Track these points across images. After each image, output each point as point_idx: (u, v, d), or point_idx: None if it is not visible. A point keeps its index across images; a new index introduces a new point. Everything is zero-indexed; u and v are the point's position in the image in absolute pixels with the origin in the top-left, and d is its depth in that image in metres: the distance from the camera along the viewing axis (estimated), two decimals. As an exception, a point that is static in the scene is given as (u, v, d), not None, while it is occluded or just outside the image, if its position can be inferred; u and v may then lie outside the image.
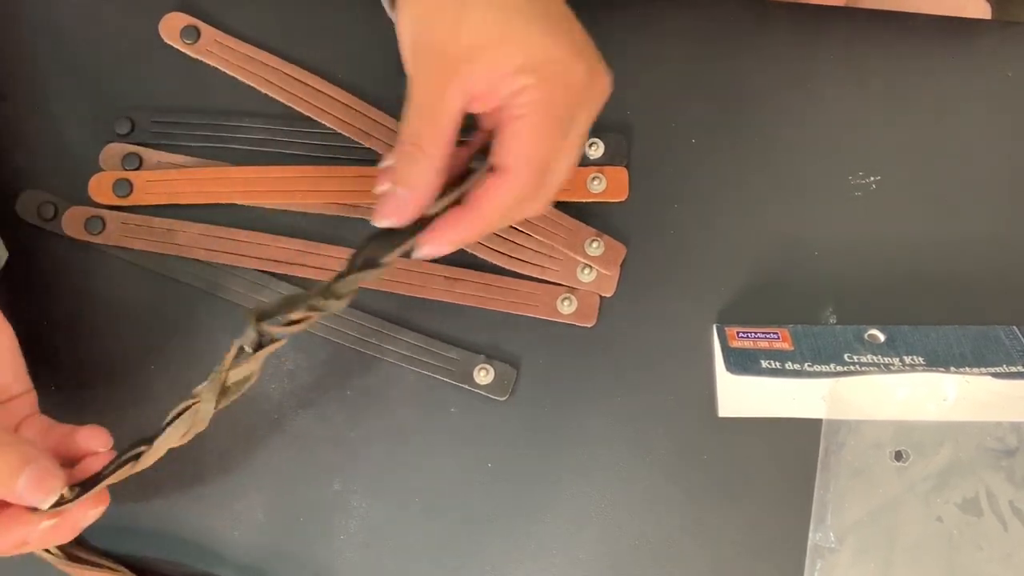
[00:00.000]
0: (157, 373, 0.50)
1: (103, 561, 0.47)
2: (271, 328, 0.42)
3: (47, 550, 0.46)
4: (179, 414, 0.42)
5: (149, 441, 0.42)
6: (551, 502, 0.48)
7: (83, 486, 0.42)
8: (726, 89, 0.53)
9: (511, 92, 0.38)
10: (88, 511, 0.42)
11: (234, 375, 0.42)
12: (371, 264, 0.42)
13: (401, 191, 0.40)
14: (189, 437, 0.43)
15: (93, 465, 0.42)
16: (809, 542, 0.47)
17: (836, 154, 0.52)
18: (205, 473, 0.49)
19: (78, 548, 0.48)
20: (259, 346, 0.42)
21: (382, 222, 0.41)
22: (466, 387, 0.49)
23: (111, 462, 0.42)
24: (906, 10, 0.55)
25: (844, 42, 0.54)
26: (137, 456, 0.42)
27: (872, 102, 0.53)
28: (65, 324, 0.51)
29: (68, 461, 0.43)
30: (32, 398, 0.45)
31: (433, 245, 0.41)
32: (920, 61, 0.54)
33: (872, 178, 0.52)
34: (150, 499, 0.49)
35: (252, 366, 0.42)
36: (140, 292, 0.51)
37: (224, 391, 0.42)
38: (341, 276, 0.42)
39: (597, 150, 0.52)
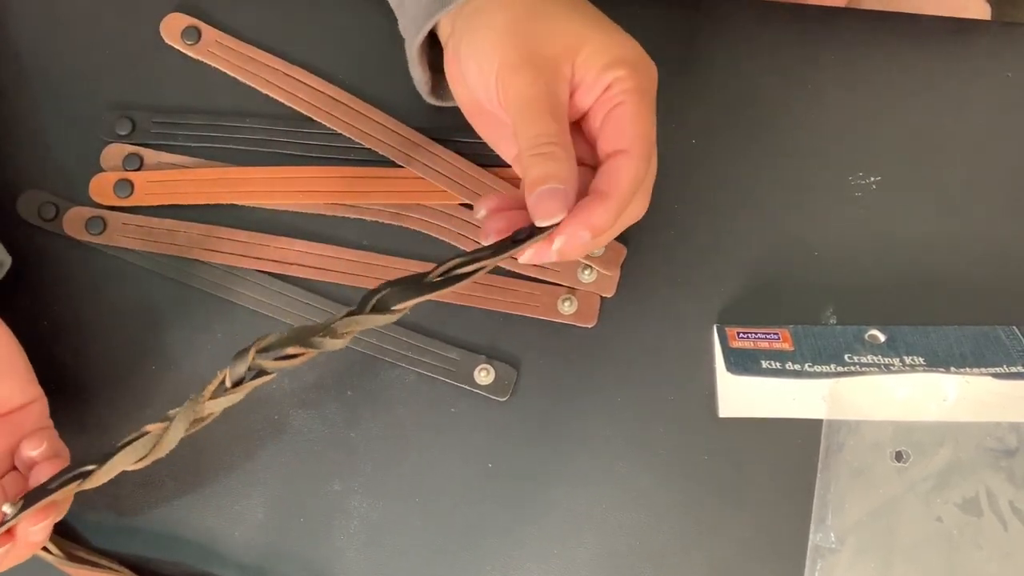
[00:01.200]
0: (157, 373, 0.50)
1: (103, 561, 0.48)
2: (263, 361, 0.41)
3: (47, 550, 0.46)
4: (137, 437, 0.41)
5: (101, 461, 0.41)
6: (551, 502, 0.48)
7: (27, 499, 0.40)
8: (726, 89, 0.53)
9: (606, 85, 0.41)
10: (31, 527, 0.41)
11: (212, 405, 0.41)
12: (382, 309, 0.41)
13: (560, 187, 0.40)
14: (146, 463, 0.41)
15: (39, 474, 0.41)
16: (809, 542, 0.47)
17: (836, 154, 0.52)
18: (205, 473, 0.49)
19: (78, 548, 0.48)
20: (242, 380, 0.41)
21: (548, 220, 0.40)
22: (466, 387, 0.49)
23: (56, 477, 0.41)
24: (906, 10, 0.55)
25: (844, 42, 0.54)
26: (85, 475, 0.41)
27: (872, 102, 0.53)
28: (65, 324, 0.51)
29: (26, 470, 0.42)
30: (40, 407, 0.44)
31: (573, 228, 0.40)
32: (920, 62, 0.54)
33: (872, 178, 0.52)
34: (150, 499, 0.49)
35: (234, 398, 0.41)
36: (140, 292, 0.51)
37: (198, 420, 0.41)
38: (349, 315, 0.41)
39: None
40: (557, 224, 0.40)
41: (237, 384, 0.41)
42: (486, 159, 0.52)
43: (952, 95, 0.53)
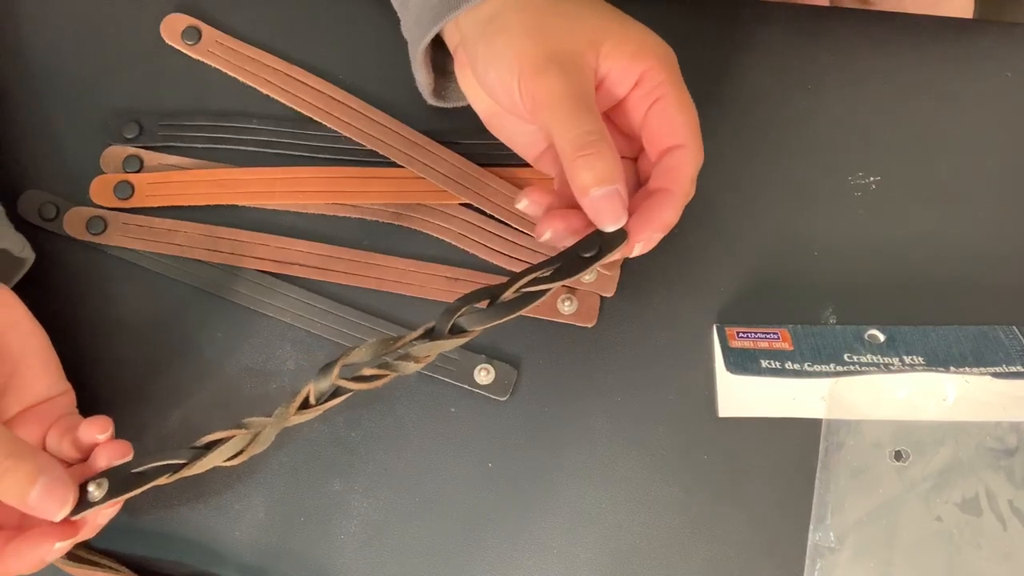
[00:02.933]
0: (157, 373, 0.50)
1: (103, 561, 0.48)
2: (342, 381, 0.41)
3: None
4: (227, 438, 0.41)
5: (192, 457, 0.41)
6: (551, 502, 0.48)
7: (112, 480, 0.41)
8: (726, 89, 0.53)
9: (637, 76, 0.41)
10: (106, 510, 0.42)
11: (296, 418, 0.42)
12: (458, 331, 0.41)
13: (613, 188, 0.40)
14: (241, 460, 0.42)
15: (100, 457, 0.42)
16: (809, 542, 0.47)
17: (836, 154, 0.52)
18: (206, 473, 0.49)
19: (78, 548, 0.48)
20: (327, 396, 0.42)
21: (612, 226, 0.40)
22: (466, 387, 0.49)
23: (148, 464, 0.41)
24: (889, 9, 0.55)
25: (844, 42, 0.54)
26: (177, 468, 0.41)
27: (872, 102, 0.53)
28: (65, 323, 0.51)
29: (83, 455, 0.43)
30: (69, 399, 0.45)
31: (650, 232, 0.41)
32: (920, 62, 0.54)
33: (872, 178, 0.52)
34: (150, 499, 0.49)
35: (313, 414, 0.42)
36: (140, 292, 0.51)
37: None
38: (427, 335, 0.41)
39: None
40: (623, 227, 0.40)
41: (320, 400, 0.42)
42: (486, 159, 0.52)
43: (952, 95, 0.53)
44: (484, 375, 0.49)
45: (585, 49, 0.41)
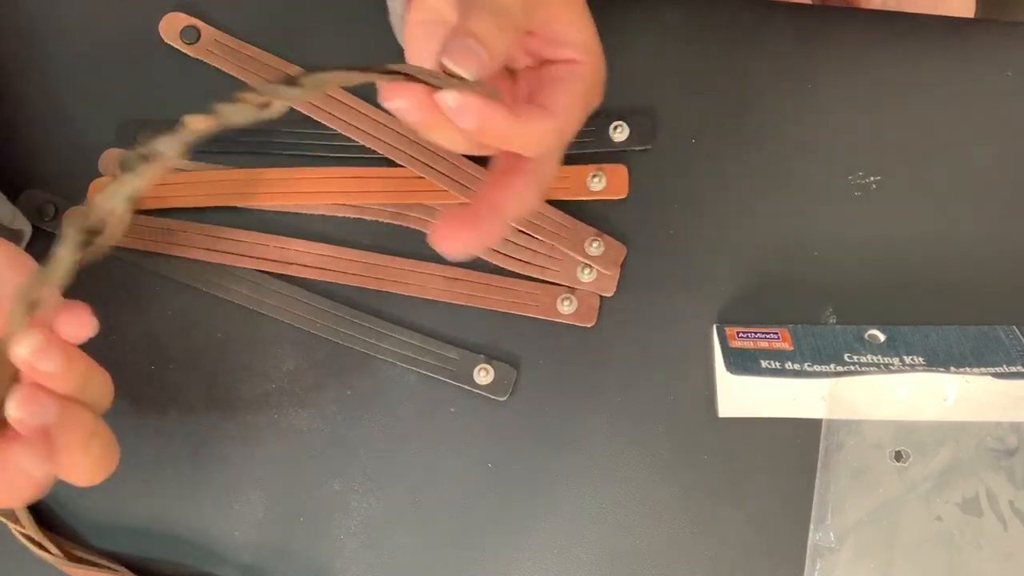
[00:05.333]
0: (157, 373, 0.50)
1: (103, 561, 0.48)
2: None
3: (47, 550, 0.46)
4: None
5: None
6: (551, 502, 0.48)
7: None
8: (726, 89, 0.53)
9: (562, 58, 0.40)
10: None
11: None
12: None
13: (483, 52, 0.36)
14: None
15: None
16: (809, 542, 0.47)
17: (836, 154, 0.52)
18: (205, 473, 0.49)
19: (78, 548, 0.48)
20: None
21: (458, 68, 0.35)
22: (466, 387, 0.49)
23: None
24: (888, 8, 0.55)
25: (844, 42, 0.54)
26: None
27: (872, 102, 0.53)
28: (65, 324, 0.51)
29: None
30: None
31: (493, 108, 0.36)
32: (921, 61, 0.54)
33: (872, 178, 0.52)
34: (150, 499, 0.49)
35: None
36: (140, 292, 0.51)
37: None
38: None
39: (621, 133, 0.52)
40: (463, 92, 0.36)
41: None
42: (486, 159, 0.52)
43: (952, 95, 0.53)
44: (483, 375, 0.49)
45: (545, 13, 0.39)
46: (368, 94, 0.53)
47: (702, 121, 0.53)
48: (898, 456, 0.47)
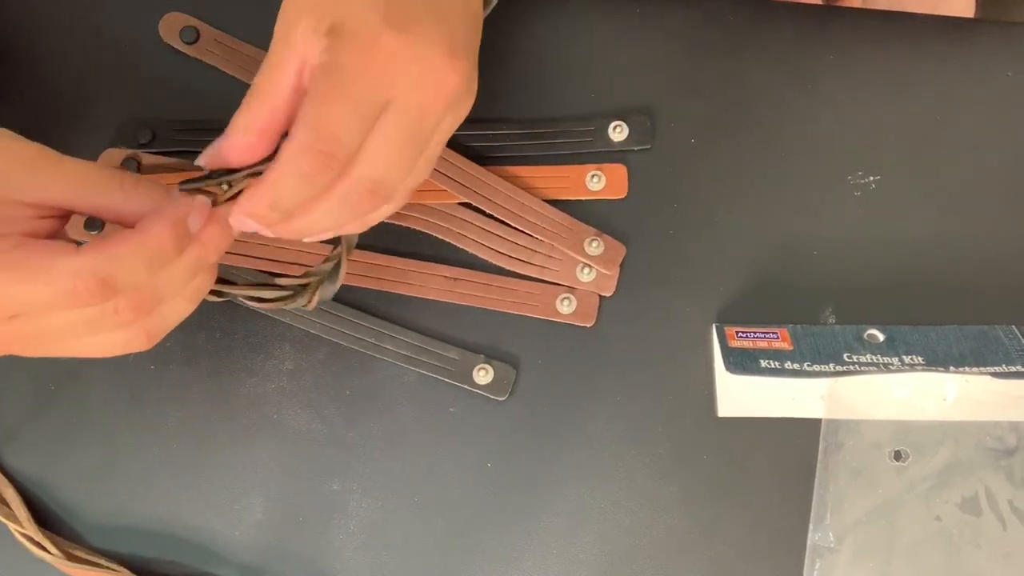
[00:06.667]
0: (156, 373, 0.50)
1: (103, 561, 0.48)
2: None
3: (46, 550, 0.46)
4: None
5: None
6: (551, 502, 0.48)
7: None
8: (726, 89, 0.53)
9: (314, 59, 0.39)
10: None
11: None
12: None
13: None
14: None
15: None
16: (809, 542, 0.47)
17: (836, 154, 0.52)
18: (205, 473, 0.49)
19: (78, 548, 0.48)
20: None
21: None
22: (465, 387, 0.49)
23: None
24: (889, 8, 0.55)
25: (844, 42, 0.54)
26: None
27: (872, 102, 0.53)
28: (65, 324, 0.51)
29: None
30: None
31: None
32: (921, 61, 0.54)
33: (872, 178, 0.52)
34: (150, 499, 0.49)
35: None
36: (140, 292, 0.51)
37: None
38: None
39: (621, 132, 0.52)
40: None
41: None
42: (486, 159, 0.52)
43: (952, 95, 0.53)
44: (483, 375, 0.49)
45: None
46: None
47: (702, 121, 0.53)
48: (897, 456, 0.48)
